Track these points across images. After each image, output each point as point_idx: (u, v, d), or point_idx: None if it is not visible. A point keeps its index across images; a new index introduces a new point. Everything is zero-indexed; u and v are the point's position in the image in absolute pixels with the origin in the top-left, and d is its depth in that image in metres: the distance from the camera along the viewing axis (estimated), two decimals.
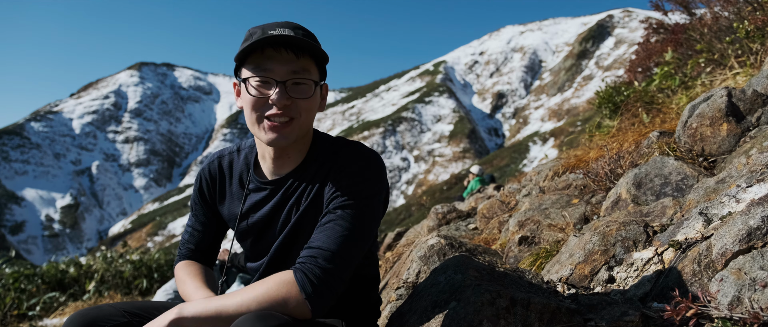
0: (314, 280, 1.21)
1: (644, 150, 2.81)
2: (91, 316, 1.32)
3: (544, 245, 2.48)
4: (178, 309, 1.20)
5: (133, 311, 1.39)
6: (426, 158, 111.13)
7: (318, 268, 1.22)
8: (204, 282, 1.49)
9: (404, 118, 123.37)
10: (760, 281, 1.27)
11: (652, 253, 1.77)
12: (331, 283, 1.23)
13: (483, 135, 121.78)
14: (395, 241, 4.63)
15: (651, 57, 6.72)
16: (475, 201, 4.77)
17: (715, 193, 1.95)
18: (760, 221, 1.41)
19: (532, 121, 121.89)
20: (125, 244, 10.38)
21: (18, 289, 7.04)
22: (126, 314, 1.37)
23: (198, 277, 1.50)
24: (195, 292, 1.43)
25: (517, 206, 3.51)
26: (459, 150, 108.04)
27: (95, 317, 1.33)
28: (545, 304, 1.47)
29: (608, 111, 5.25)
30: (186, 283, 1.48)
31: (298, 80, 1.31)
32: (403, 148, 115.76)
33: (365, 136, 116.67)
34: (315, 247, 1.26)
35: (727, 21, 4.91)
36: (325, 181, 1.39)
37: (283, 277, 1.21)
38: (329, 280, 1.22)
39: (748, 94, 2.46)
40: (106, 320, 1.33)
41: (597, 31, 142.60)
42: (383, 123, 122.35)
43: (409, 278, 2.25)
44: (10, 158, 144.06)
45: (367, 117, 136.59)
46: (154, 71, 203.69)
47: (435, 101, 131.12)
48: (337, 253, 1.25)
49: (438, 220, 4.23)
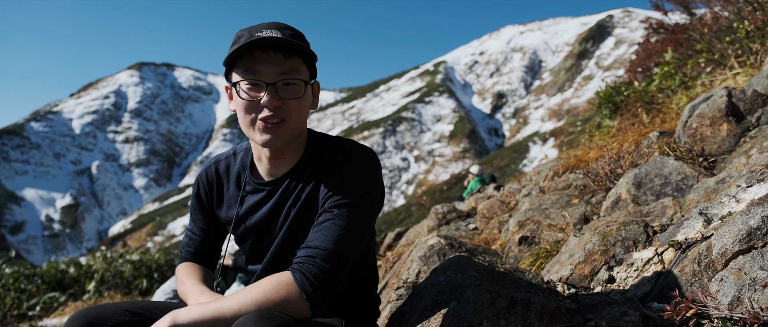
0: (313, 280, 1.21)
1: (644, 150, 2.81)
2: (93, 315, 1.33)
3: (544, 245, 2.48)
4: (172, 316, 1.18)
5: (134, 310, 1.40)
6: (426, 158, 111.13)
7: (316, 267, 1.23)
8: (202, 281, 1.49)
9: (404, 118, 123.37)
10: (760, 281, 1.27)
11: (652, 253, 1.77)
12: (330, 282, 1.24)
13: (483, 135, 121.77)
14: (395, 241, 4.63)
15: (651, 57, 6.72)
16: (475, 201, 4.77)
17: (715, 193, 1.95)
18: (760, 221, 1.41)
19: (532, 121, 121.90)
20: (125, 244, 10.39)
21: (18, 289, 7.04)
22: (127, 313, 1.38)
23: (196, 277, 1.51)
24: (192, 289, 1.44)
25: (517, 206, 3.51)
26: (459, 150, 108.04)
27: (97, 316, 1.33)
28: (545, 304, 1.47)
29: (608, 111, 5.25)
30: (184, 283, 1.49)
31: (287, 81, 1.31)
32: (403, 148, 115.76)
33: (365, 136, 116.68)
34: (312, 247, 1.26)
35: (727, 21, 4.91)
36: (320, 179, 1.39)
37: (281, 278, 1.22)
38: (328, 279, 1.23)
39: (748, 94, 2.46)
40: (107, 319, 1.34)
41: (597, 31, 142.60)
42: (383, 123, 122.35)
43: (409, 278, 2.25)
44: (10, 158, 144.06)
45: (367, 117, 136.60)
46: (154, 71, 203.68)
47: (435, 101, 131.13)
48: (335, 253, 1.25)
49: (438, 220, 4.23)
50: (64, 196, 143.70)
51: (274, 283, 1.21)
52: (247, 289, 1.21)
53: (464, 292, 1.54)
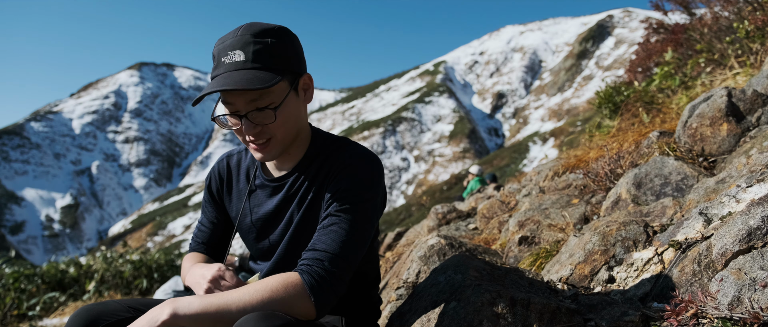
0: (320, 282, 1.23)
1: (644, 150, 2.81)
2: (96, 311, 1.34)
3: (544, 245, 2.48)
4: (171, 305, 1.16)
5: (137, 307, 1.41)
6: (426, 158, 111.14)
7: (323, 270, 1.24)
8: None
9: (404, 118, 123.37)
10: (760, 281, 1.27)
11: (652, 253, 1.77)
12: (335, 285, 1.25)
13: (483, 135, 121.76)
14: (395, 241, 4.63)
15: (651, 57, 6.72)
16: (475, 201, 4.77)
17: (715, 193, 1.95)
18: (760, 221, 1.41)
19: (532, 121, 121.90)
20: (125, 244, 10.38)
21: (18, 289, 7.04)
22: (130, 310, 1.39)
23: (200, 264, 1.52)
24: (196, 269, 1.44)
25: (517, 206, 3.51)
26: (459, 150, 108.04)
27: (100, 312, 1.34)
28: (545, 304, 1.47)
29: (608, 111, 5.25)
30: (189, 270, 1.50)
31: (259, 107, 1.30)
32: (403, 148, 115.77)
33: (365, 136, 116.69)
34: (320, 250, 1.27)
35: (727, 21, 4.91)
36: (325, 180, 1.40)
37: (289, 279, 1.22)
38: (334, 282, 1.25)
39: (748, 94, 2.46)
40: (110, 315, 1.35)
41: (597, 31, 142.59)
42: (383, 123, 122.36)
43: (409, 278, 2.25)
44: (10, 158, 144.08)
45: (367, 117, 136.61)
46: (154, 71, 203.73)
47: (435, 101, 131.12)
48: (340, 256, 1.27)
49: (438, 220, 4.23)
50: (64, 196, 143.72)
51: (281, 282, 1.21)
52: (254, 285, 1.22)
53: (464, 292, 1.54)
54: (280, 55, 1.31)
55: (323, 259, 1.25)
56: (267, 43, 1.30)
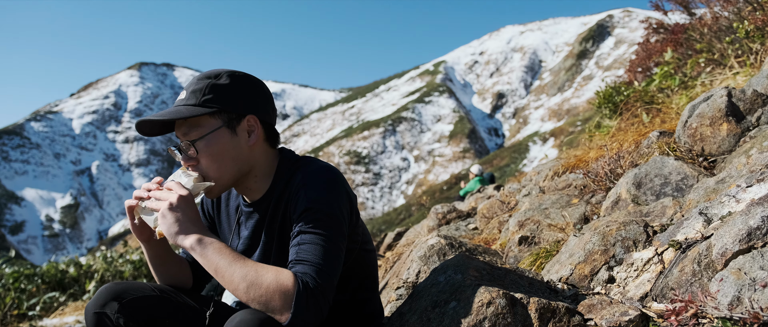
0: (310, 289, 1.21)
1: (644, 150, 2.81)
2: (123, 287, 1.43)
3: (544, 245, 2.48)
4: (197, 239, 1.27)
5: (162, 288, 1.50)
6: (426, 158, 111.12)
7: (312, 279, 1.23)
8: None
9: (404, 118, 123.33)
10: (760, 281, 1.27)
11: (652, 253, 1.77)
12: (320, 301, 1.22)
13: (483, 135, 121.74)
14: (395, 241, 4.63)
15: (651, 57, 6.72)
16: (475, 201, 4.77)
17: (715, 193, 1.95)
18: (760, 221, 1.41)
19: (532, 121, 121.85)
20: (125, 244, 10.37)
21: (18, 289, 7.04)
22: (155, 290, 1.47)
23: None
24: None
25: (517, 206, 3.51)
26: (459, 150, 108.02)
27: (127, 287, 1.43)
28: (545, 304, 1.47)
29: (608, 111, 5.25)
30: None
31: (189, 139, 1.36)
32: (403, 148, 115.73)
33: (365, 136, 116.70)
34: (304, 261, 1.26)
35: (727, 21, 4.91)
36: (289, 203, 1.41)
37: (281, 275, 1.21)
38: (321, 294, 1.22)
39: (748, 94, 2.46)
40: (136, 291, 1.43)
41: (597, 31, 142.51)
42: (383, 123, 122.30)
43: (409, 278, 2.25)
44: (10, 158, 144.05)
45: (367, 117, 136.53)
46: (154, 71, 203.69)
47: (435, 101, 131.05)
48: (324, 269, 1.25)
49: (438, 220, 4.23)
50: (64, 196, 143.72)
51: (276, 280, 1.20)
52: (249, 265, 1.23)
53: (464, 292, 1.54)
54: (217, 93, 1.36)
55: (309, 271, 1.24)
56: (208, 82, 1.37)
